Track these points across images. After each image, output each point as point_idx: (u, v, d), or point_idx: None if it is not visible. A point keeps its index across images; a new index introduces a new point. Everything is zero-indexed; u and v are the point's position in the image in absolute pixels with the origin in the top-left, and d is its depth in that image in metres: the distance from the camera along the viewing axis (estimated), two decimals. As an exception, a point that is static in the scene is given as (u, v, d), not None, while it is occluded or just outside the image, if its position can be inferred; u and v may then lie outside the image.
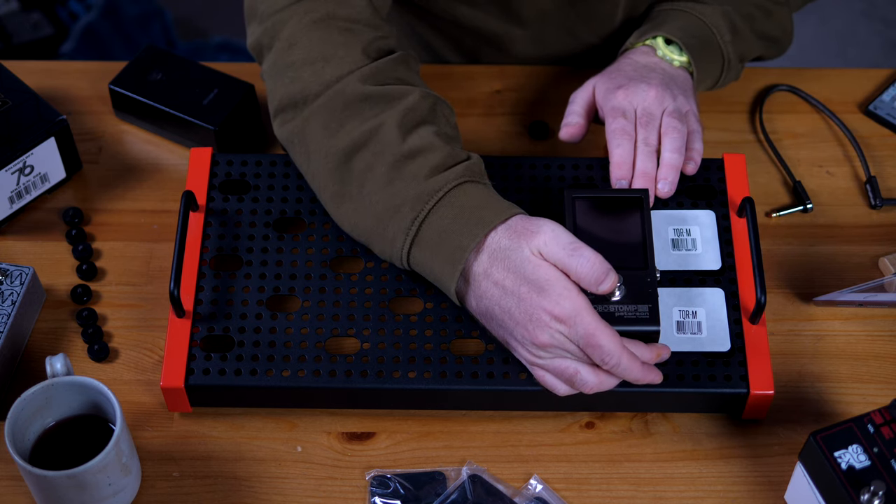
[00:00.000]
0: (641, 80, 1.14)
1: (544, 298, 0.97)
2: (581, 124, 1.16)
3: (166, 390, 1.05)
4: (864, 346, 1.12)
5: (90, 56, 2.36)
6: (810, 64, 2.49)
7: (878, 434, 0.95)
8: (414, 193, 1.02)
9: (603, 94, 1.15)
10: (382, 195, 1.04)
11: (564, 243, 0.98)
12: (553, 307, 0.97)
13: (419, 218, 1.02)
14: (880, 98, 1.29)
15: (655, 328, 1.02)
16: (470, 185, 1.03)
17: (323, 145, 1.07)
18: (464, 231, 1.01)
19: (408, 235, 1.03)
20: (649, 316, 1.02)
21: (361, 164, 1.05)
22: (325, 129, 1.07)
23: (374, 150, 1.05)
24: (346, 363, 1.05)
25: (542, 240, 0.99)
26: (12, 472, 1.04)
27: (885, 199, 1.21)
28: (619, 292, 1.03)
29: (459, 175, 1.03)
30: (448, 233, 1.01)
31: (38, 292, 1.13)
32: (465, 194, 1.03)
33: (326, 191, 1.08)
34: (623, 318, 1.02)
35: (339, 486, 1.04)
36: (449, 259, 1.01)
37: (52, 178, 1.21)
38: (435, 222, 1.02)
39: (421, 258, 1.03)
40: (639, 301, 1.03)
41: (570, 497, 1.03)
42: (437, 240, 1.02)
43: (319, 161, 1.07)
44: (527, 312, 0.98)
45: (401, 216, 1.03)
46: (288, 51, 1.09)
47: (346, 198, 1.06)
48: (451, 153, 1.04)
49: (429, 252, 1.02)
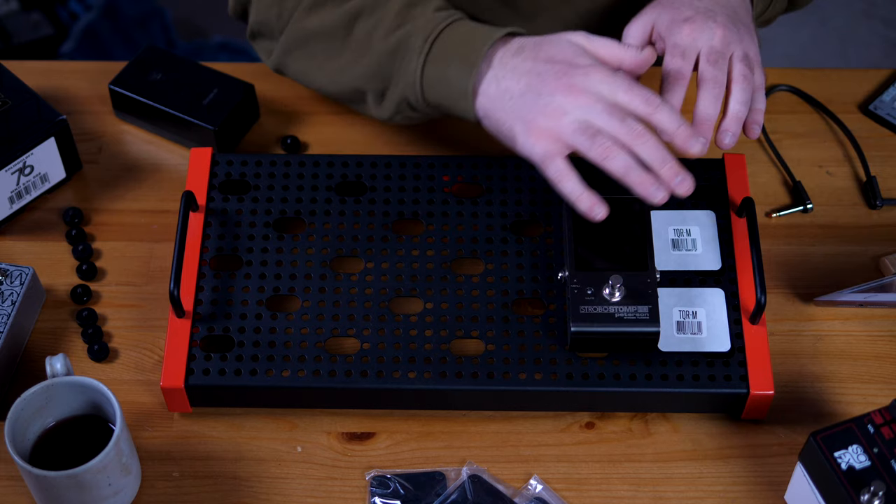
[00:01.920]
0: (708, 17, 1.06)
1: (582, 57, 0.99)
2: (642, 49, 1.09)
3: (166, 390, 1.05)
4: (864, 346, 1.12)
5: (90, 56, 2.36)
6: (810, 64, 2.49)
7: (878, 434, 0.95)
8: (423, 22, 1.06)
9: (667, 26, 1.06)
10: (391, 39, 1.07)
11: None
12: (590, 62, 0.98)
13: (431, 37, 1.04)
14: (880, 98, 1.29)
15: (655, 329, 1.02)
16: (472, 21, 1.06)
17: (319, 33, 1.12)
18: (480, 37, 1.03)
19: (420, 54, 1.04)
20: (649, 317, 1.02)
21: (364, 27, 1.09)
22: (317, 17, 1.11)
23: (374, 12, 1.09)
24: (346, 363, 1.05)
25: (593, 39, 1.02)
26: (12, 472, 1.04)
27: (885, 199, 1.21)
28: (619, 293, 1.03)
29: (462, 14, 1.07)
30: (462, 41, 1.03)
31: (38, 292, 1.13)
32: (471, 24, 1.06)
33: (331, 66, 1.12)
34: (623, 318, 1.02)
35: (339, 486, 1.04)
36: (466, 58, 1.02)
37: (52, 178, 1.21)
38: (447, 38, 1.04)
39: (433, 75, 1.04)
40: (639, 302, 1.03)
41: (570, 497, 1.03)
42: (451, 49, 1.03)
43: (322, 45, 1.11)
44: (566, 61, 0.98)
45: (413, 41, 1.05)
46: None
47: (352, 63, 1.10)
48: (447, 4, 1.08)
49: (442, 64, 1.03)
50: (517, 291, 1.09)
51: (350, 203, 1.14)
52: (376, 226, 1.13)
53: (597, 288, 1.04)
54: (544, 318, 1.07)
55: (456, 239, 1.12)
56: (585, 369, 1.04)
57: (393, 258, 1.11)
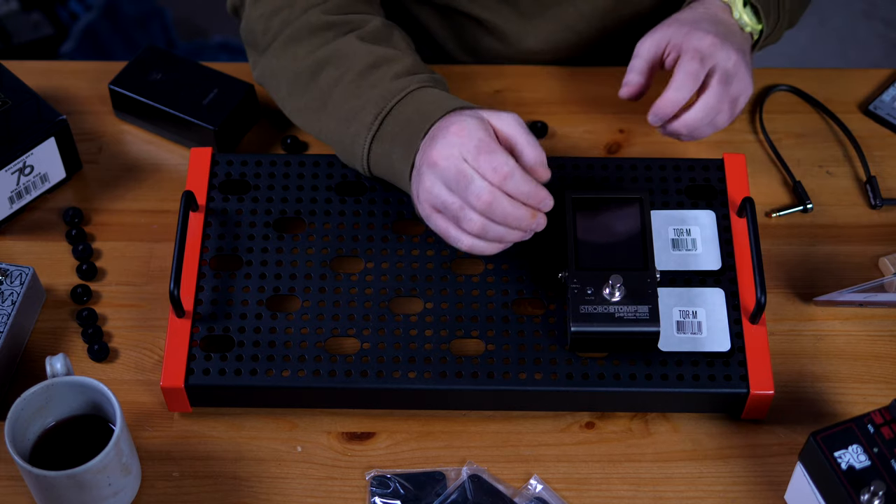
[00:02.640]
0: (727, 40, 1.11)
1: (463, 122, 1.02)
2: (641, 83, 1.14)
3: (166, 390, 1.05)
4: (864, 346, 1.12)
5: (90, 56, 2.35)
6: (810, 64, 2.49)
7: (878, 434, 0.95)
8: (378, 93, 1.08)
9: (686, 34, 1.10)
10: (348, 100, 1.10)
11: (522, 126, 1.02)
12: (461, 124, 1.01)
13: (381, 114, 1.07)
14: (880, 98, 1.29)
15: (655, 329, 1.02)
16: (433, 90, 1.08)
17: (289, 69, 1.14)
18: (423, 118, 1.05)
19: (370, 131, 1.08)
20: (649, 316, 1.02)
21: (328, 79, 1.12)
22: (292, 57, 1.14)
23: (338, 66, 1.12)
24: (346, 363, 1.05)
25: (501, 116, 1.02)
26: (12, 472, 1.04)
27: (885, 199, 1.21)
28: (619, 293, 1.03)
29: (424, 80, 1.09)
30: (408, 122, 1.06)
31: (38, 292, 1.13)
32: (429, 94, 1.08)
33: (294, 107, 1.15)
34: (623, 318, 1.02)
35: (339, 486, 1.04)
36: (407, 144, 1.05)
37: (52, 178, 1.21)
38: (398, 116, 1.07)
39: (380, 152, 1.08)
40: (639, 302, 1.03)
41: (570, 497, 1.03)
42: (398, 130, 1.06)
43: (286, 83, 1.15)
44: (442, 129, 1.02)
45: (364, 113, 1.08)
46: (255, 5, 1.18)
47: (313, 110, 1.13)
48: (416, 62, 1.12)
49: (388, 144, 1.07)
50: (517, 291, 1.09)
51: (350, 203, 1.14)
52: (376, 226, 1.13)
53: (597, 288, 1.04)
54: (544, 318, 1.07)
55: (456, 239, 1.12)
56: (585, 369, 1.04)
57: (393, 258, 1.11)
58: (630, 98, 1.15)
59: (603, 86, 1.30)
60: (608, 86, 1.30)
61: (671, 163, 1.16)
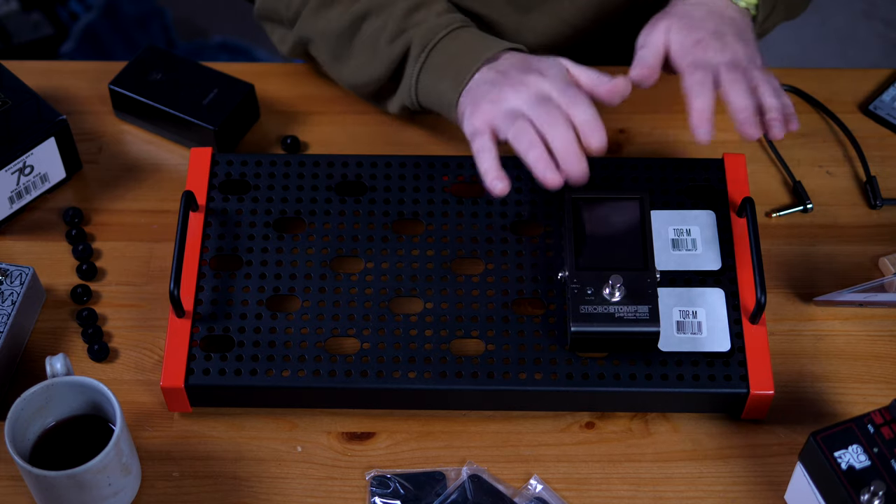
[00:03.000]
0: (718, 38, 1.09)
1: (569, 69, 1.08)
2: (655, 69, 1.11)
3: (166, 390, 1.05)
4: (864, 346, 1.12)
5: (90, 56, 2.35)
6: (810, 64, 2.49)
7: (878, 434, 0.95)
8: (423, 30, 1.14)
9: (681, 50, 1.10)
10: (395, 42, 1.15)
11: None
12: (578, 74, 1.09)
13: (428, 46, 1.13)
14: (880, 98, 1.29)
15: (655, 329, 1.02)
16: (472, 29, 1.15)
17: (327, 33, 1.18)
18: (471, 54, 1.11)
19: (417, 62, 1.13)
20: (649, 317, 1.03)
21: (370, 28, 1.16)
22: (325, 21, 1.18)
23: (380, 13, 1.16)
24: (346, 363, 1.05)
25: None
26: (12, 472, 1.04)
27: (885, 199, 1.21)
28: (619, 293, 1.03)
29: (463, 20, 1.15)
30: (455, 56, 1.12)
31: (38, 292, 1.13)
32: (470, 33, 1.14)
33: (343, 66, 1.20)
34: (623, 318, 1.02)
35: (339, 486, 1.04)
36: (455, 75, 1.10)
37: (52, 178, 1.21)
38: (443, 49, 1.13)
39: (427, 84, 1.13)
40: (639, 302, 1.03)
41: (570, 497, 1.03)
42: (444, 63, 1.12)
43: (328, 48, 1.19)
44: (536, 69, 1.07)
45: (413, 47, 1.13)
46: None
47: (362, 64, 1.18)
48: (451, 7, 1.17)
49: (435, 76, 1.12)
50: (517, 291, 1.09)
51: (350, 203, 1.14)
52: (376, 226, 1.13)
53: (597, 288, 1.04)
54: (544, 318, 1.07)
55: (456, 239, 1.12)
56: (585, 369, 1.04)
57: (393, 258, 1.11)
58: (641, 80, 1.11)
59: (603, 86, 1.30)
60: (608, 86, 1.30)
61: (671, 163, 1.16)
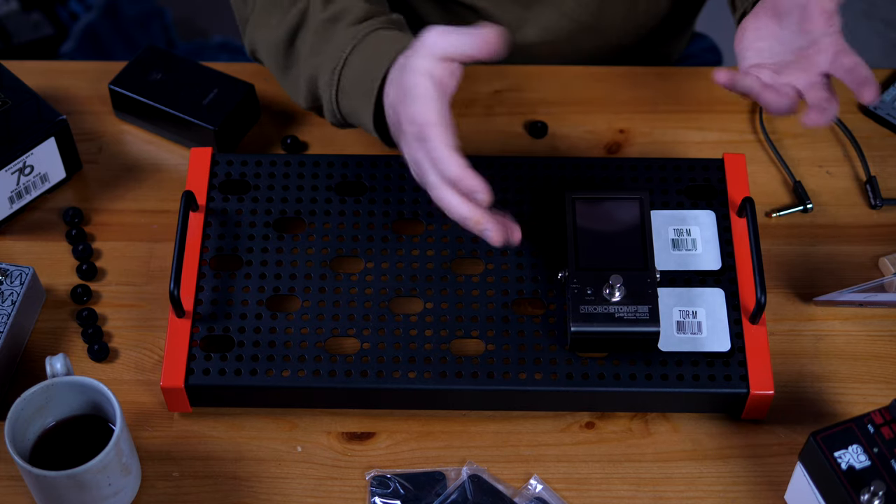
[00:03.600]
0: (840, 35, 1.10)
1: (406, 104, 0.98)
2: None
3: (166, 390, 1.05)
4: (864, 346, 1.12)
5: (90, 56, 2.35)
6: (810, 64, 2.49)
7: (878, 434, 0.95)
8: (332, 48, 1.08)
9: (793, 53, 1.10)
10: (313, 60, 1.09)
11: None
12: (412, 116, 0.97)
13: (337, 68, 1.07)
14: (880, 98, 1.29)
15: (655, 329, 1.02)
16: (385, 31, 1.07)
17: (268, 41, 1.14)
18: (374, 67, 1.04)
19: (331, 88, 1.07)
20: (649, 317, 1.03)
21: (300, 42, 1.11)
22: (266, 28, 1.14)
23: (307, 27, 1.11)
24: (346, 363, 1.05)
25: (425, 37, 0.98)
26: (12, 472, 1.04)
27: (885, 199, 1.21)
28: (619, 293, 1.03)
29: (374, 25, 1.07)
30: (362, 73, 1.05)
31: (38, 292, 1.13)
32: (379, 38, 1.06)
33: (288, 80, 1.14)
34: (623, 318, 1.02)
35: (339, 486, 1.04)
36: (366, 97, 1.04)
37: (52, 178, 1.21)
38: (352, 67, 1.06)
39: (348, 107, 1.08)
40: (638, 302, 1.03)
41: (570, 497, 1.03)
42: (356, 82, 1.06)
43: (268, 57, 1.14)
44: (397, 120, 1.00)
45: (324, 71, 1.08)
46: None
47: (299, 78, 1.12)
48: (371, 9, 1.10)
49: (351, 99, 1.07)
50: (517, 291, 1.09)
51: (350, 203, 1.14)
52: (376, 226, 1.13)
53: (597, 288, 1.04)
54: (544, 318, 1.07)
55: (456, 239, 1.12)
56: (585, 369, 1.04)
57: (393, 258, 1.11)
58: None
59: (603, 86, 1.30)
60: (608, 86, 1.30)
61: (671, 163, 1.16)
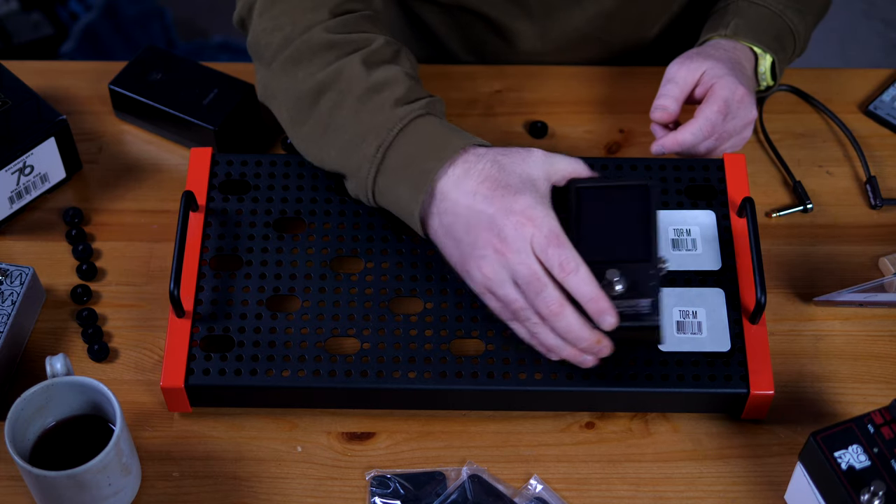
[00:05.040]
0: (751, 92, 1.15)
1: (522, 196, 0.98)
2: (676, 112, 1.16)
3: (166, 390, 1.05)
4: (864, 346, 1.12)
5: (90, 56, 2.36)
6: (810, 64, 2.49)
7: (878, 434, 0.95)
8: (379, 122, 1.05)
9: (719, 82, 1.14)
10: (349, 127, 1.06)
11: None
12: (527, 206, 0.98)
13: (383, 145, 1.04)
14: (880, 98, 1.29)
15: (655, 323, 0.99)
16: (433, 118, 1.06)
17: (290, 92, 1.10)
18: (430, 155, 1.02)
19: (372, 164, 1.04)
20: (650, 310, 0.99)
21: (328, 103, 1.08)
22: (292, 79, 1.10)
23: (339, 89, 1.07)
24: (346, 363, 1.05)
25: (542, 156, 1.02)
26: (12, 472, 1.04)
27: (885, 199, 1.21)
28: (619, 286, 1.00)
29: (423, 107, 1.06)
30: (413, 157, 1.03)
31: (38, 292, 1.13)
32: (430, 124, 1.05)
33: (297, 132, 1.11)
34: (622, 313, 0.99)
35: (339, 486, 1.04)
36: (414, 183, 1.02)
37: (52, 178, 1.21)
38: (400, 149, 1.04)
39: (385, 186, 1.04)
40: (639, 295, 1.00)
41: (570, 497, 1.03)
42: (402, 164, 1.03)
43: (287, 108, 1.10)
44: (502, 208, 0.98)
45: (366, 144, 1.05)
46: (259, 19, 1.13)
47: (315, 137, 1.09)
48: (414, 87, 1.08)
49: (394, 178, 1.04)
50: (517, 291, 1.09)
51: (350, 203, 1.14)
52: (376, 226, 1.13)
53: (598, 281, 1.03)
54: (544, 318, 1.07)
55: (456, 239, 1.12)
56: (585, 369, 1.04)
57: (393, 258, 1.11)
58: (661, 123, 1.16)
59: (603, 86, 1.30)
60: (608, 86, 1.30)
61: (671, 163, 1.16)
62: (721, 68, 1.15)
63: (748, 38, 1.19)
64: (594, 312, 0.97)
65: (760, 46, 1.19)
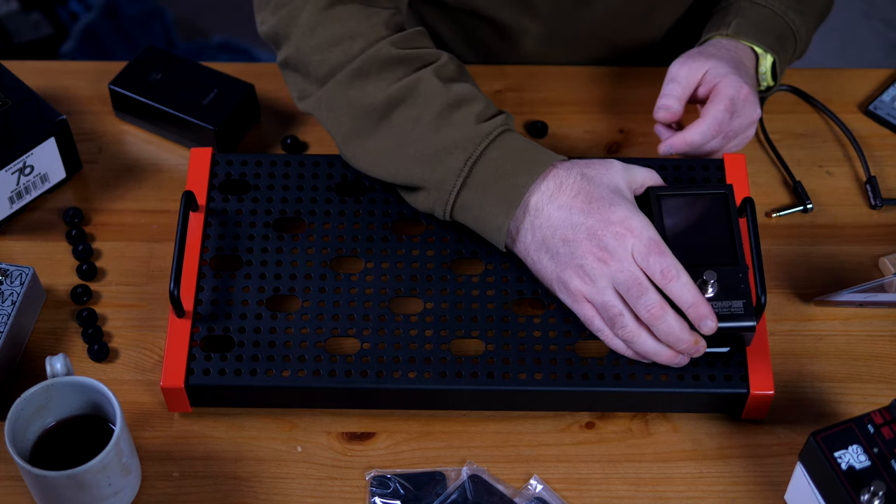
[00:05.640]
0: (754, 92, 1.16)
1: (617, 207, 1.01)
2: (679, 112, 1.16)
3: (166, 390, 1.05)
4: (864, 346, 1.12)
5: (90, 56, 2.36)
6: (810, 64, 2.49)
7: (878, 434, 0.95)
8: (465, 136, 1.05)
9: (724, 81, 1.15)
10: (430, 141, 1.06)
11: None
12: (624, 216, 1.01)
13: (471, 159, 1.05)
14: (880, 98, 1.29)
15: (751, 323, 1.02)
16: (515, 133, 1.07)
17: (356, 105, 1.09)
18: (521, 169, 1.04)
19: (459, 177, 1.05)
20: (744, 311, 1.02)
21: (402, 117, 1.08)
22: (359, 90, 1.09)
23: (415, 103, 1.07)
24: (346, 363, 1.05)
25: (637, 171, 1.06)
26: (12, 472, 1.04)
27: (885, 199, 1.21)
28: (711, 289, 1.02)
29: (504, 122, 1.07)
30: (503, 172, 1.04)
31: (38, 292, 1.13)
32: (515, 139, 1.06)
33: (359, 144, 1.10)
34: (717, 314, 1.01)
35: (339, 486, 1.04)
36: (504, 196, 1.03)
37: (52, 178, 1.21)
38: (489, 163, 1.05)
39: (470, 199, 1.05)
40: (732, 297, 1.02)
41: (570, 497, 1.03)
42: (491, 178, 1.04)
43: (351, 119, 1.09)
44: (600, 219, 1.01)
45: (452, 158, 1.05)
46: (310, 35, 1.11)
47: (385, 150, 1.09)
48: (490, 103, 1.09)
49: (481, 192, 1.04)
50: (517, 291, 1.09)
51: (350, 203, 1.14)
52: (376, 226, 1.13)
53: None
54: (544, 318, 1.07)
55: (456, 239, 1.12)
56: (585, 369, 1.04)
57: (393, 258, 1.11)
58: (665, 122, 1.17)
59: (603, 86, 1.30)
60: (608, 86, 1.30)
61: (671, 163, 1.16)
62: (724, 67, 1.15)
63: (749, 37, 1.19)
64: (695, 317, 1.00)
65: (761, 46, 1.19)
